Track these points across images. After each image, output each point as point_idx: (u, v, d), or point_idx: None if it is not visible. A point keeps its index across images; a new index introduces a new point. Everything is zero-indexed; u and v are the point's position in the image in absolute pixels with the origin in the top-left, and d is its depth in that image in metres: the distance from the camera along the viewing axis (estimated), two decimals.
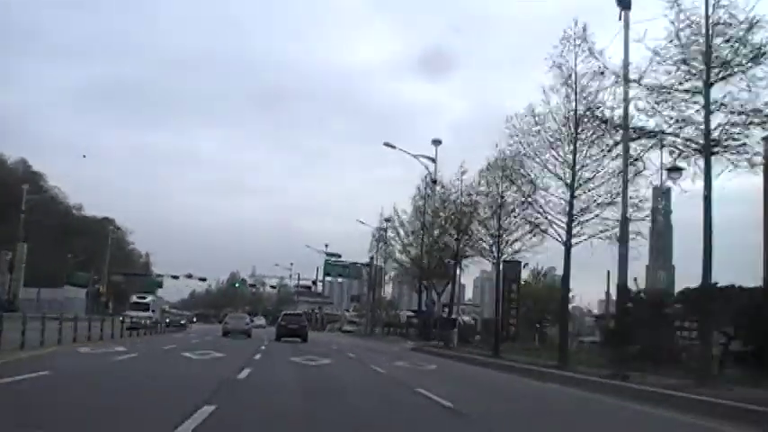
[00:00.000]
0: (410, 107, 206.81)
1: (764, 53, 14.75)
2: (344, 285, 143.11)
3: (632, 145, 17.95)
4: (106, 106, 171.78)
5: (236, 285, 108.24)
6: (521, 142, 21.99)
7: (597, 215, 20.71)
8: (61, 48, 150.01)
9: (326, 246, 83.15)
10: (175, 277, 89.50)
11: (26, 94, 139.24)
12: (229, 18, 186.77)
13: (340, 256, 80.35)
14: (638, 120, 17.01)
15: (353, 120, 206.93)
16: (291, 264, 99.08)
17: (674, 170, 19.16)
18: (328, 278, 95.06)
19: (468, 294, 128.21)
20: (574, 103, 20.17)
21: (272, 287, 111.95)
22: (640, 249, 21.68)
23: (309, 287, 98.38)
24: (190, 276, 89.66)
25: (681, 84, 15.38)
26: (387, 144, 46.22)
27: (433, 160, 43.15)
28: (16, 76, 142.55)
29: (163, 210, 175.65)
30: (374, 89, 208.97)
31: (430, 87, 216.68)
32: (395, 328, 66.59)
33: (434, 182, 42.29)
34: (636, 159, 18.31)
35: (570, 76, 19.95)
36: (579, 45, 19.42)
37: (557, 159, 20.94)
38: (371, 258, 69.13)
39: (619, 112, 17.83)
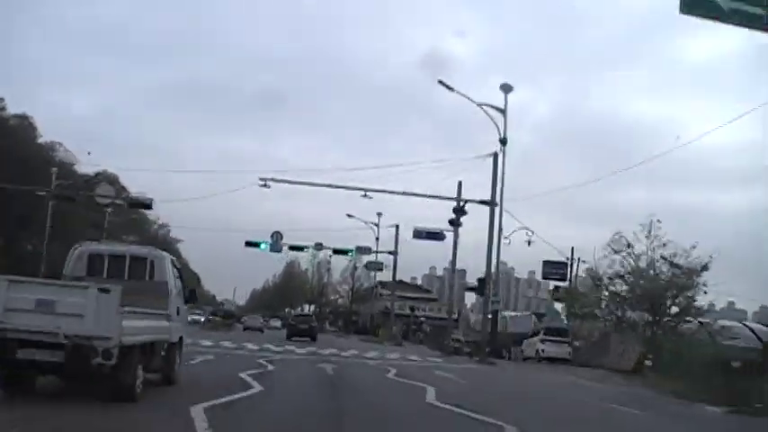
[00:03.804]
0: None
1: None
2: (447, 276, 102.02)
3: None
4: (187, 107, 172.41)
5: (261, 247, 56.55)
6: None
7: None
8: (140, 47, 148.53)
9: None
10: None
11: (107, 94, 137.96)
12: (305, 17, 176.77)
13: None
14: None
15: (430, 120, 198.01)
16: (376, 225, 60.65)
17: None
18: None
19: None
20: None
21: (334, 251, 60.87)
22: None
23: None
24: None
25: None
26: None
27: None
28: (97, 76, 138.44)
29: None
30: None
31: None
32: None
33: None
34: None
35: None
36: None
37: None
38: None
39: None
